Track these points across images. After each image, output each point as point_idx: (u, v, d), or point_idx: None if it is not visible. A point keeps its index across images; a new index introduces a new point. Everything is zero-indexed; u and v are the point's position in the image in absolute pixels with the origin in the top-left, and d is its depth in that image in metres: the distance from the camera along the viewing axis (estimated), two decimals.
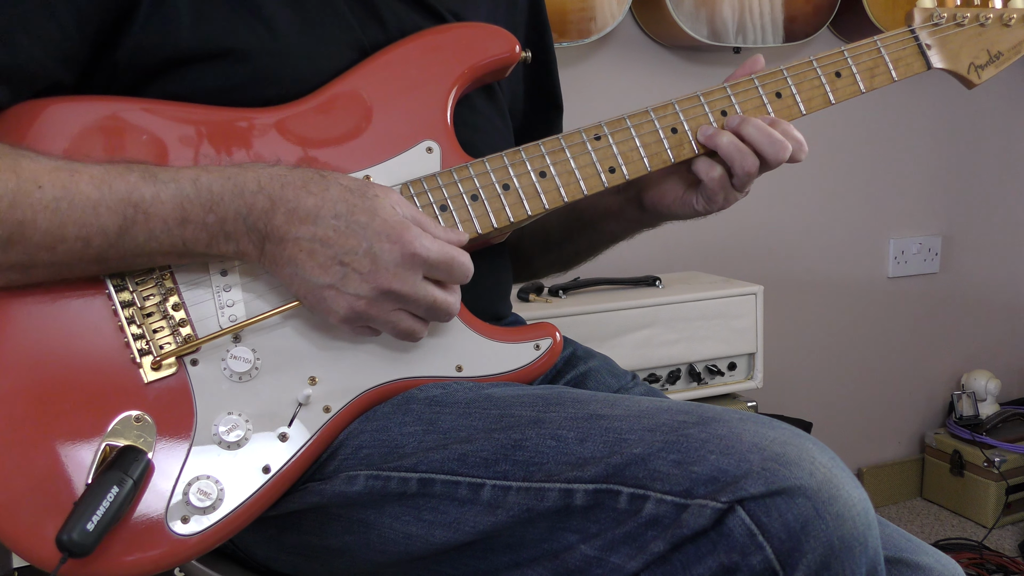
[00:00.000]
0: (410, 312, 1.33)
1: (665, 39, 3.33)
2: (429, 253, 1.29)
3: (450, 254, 1.31)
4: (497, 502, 1.24)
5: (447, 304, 1.33)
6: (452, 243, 1.34)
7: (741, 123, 1.50)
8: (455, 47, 1.48)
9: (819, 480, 1.10)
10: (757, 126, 1.50)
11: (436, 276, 1.31)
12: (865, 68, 1.59)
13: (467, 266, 1.33)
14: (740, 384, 3.03)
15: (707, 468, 1.12)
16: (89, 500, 1.20)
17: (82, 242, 1.24)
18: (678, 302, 2.92)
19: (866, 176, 3.81)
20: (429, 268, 1.30)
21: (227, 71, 1.38)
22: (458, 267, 1.32)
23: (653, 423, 1.19)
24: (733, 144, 1.50)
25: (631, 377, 1.71)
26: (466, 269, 1.33)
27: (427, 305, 1.31)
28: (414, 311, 1.33)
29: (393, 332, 1.34)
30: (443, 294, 1.33)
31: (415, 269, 1.29)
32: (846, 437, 3.94)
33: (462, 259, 1.33)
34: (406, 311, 1.32)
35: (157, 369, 1.31)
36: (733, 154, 1.50)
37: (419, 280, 1.30)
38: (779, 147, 1.50)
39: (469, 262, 1.34)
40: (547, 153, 1.46)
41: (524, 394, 1.33)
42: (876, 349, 3.99)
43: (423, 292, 1.30)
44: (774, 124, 1.51)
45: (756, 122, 1.50)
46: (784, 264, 3.71)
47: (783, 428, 1.17)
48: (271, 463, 1.32)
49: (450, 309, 1.34)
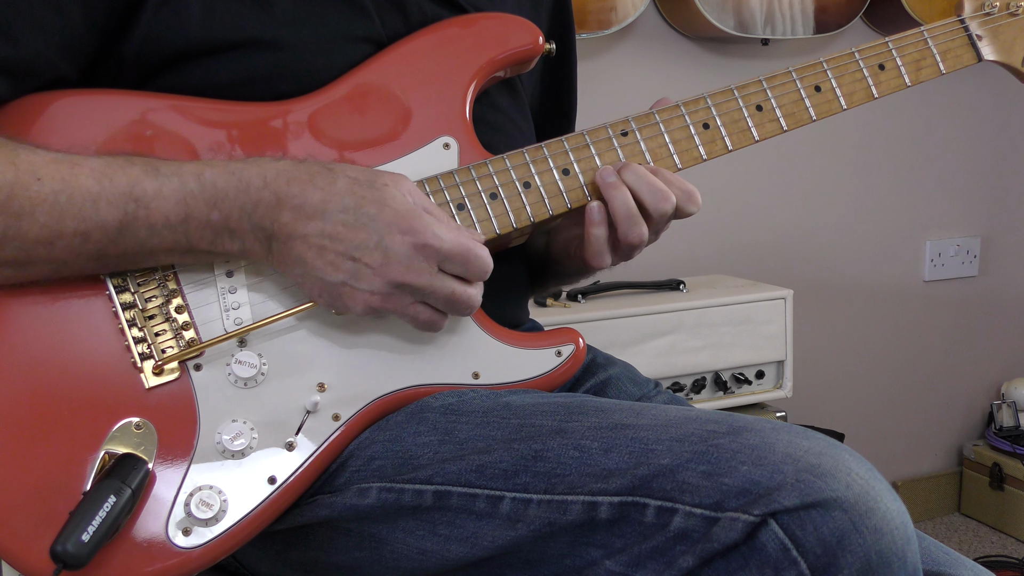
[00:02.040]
0: (428, 305, 1.32)
1: (689, 30, 3.32)
2: (442, 243, 1.28)
3: (466, 245, 1.30)
4: (517, 516, 1.23)
5: (467, 296, 1.33)
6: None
7: (623, 168, 1.45)
8: (474, 38, 1.47)
9: (856, 492, 1.10)
10: (638, 173, 1.45)
11: (451, 269, 1.31)
12: (911, 60, 1.58)
13: (485, 260, 1.32)
14: (768, 393, 3.03)
15: (738, 480, 1.11)
16: (85, 510, 1.20)
17: (81, 237, 1.24)
18: (703, 307, 2.92)
19: (901, 174, 3.80)
20: (443, 259, 1.29)
21: (237, 65, 1.38)
22: (475, 260, 1.31)
23: (681, 433, 1.19)
24: (626, 207, 1.44)
25: (654, 385, 1.70)
26: (483, 263, 1.32)
27: (445, 297, 1.31)
28: (432, 303, 1.32)
29: (413, 324, 1.34)
30: (462, 285, 1.32)
31: (428, 260, 1.28)
32: (880, 449, 3.93)
33: (479, 251, 1.32)
34: (424, 304, 1.32)
35: (159, 374, 1.31)
36: (622, 218, 1.44)
37: (434, 271, 1.29)
38: (659, 196, 1.43)
39: (487, 256, 1.33)
40: (571, 150, 1.46)
41: (544, 402, 1.33)
42: (911, 356, 3.98)
43: (439, 283, 1.30)
44: (658, 173, 1.46)
45: (638, 169, 1.45)
46: (815, 267, 3.71)
47: (818, 438, 1.17)
48: (277, 473, 1.32)
49: (471, 301, 1.33)
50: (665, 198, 1.43)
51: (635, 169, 1.44)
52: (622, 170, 1.44)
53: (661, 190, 1.43)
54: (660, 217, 1.44)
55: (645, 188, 1.43)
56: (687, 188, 1.46)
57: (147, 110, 1.35)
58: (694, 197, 1.46)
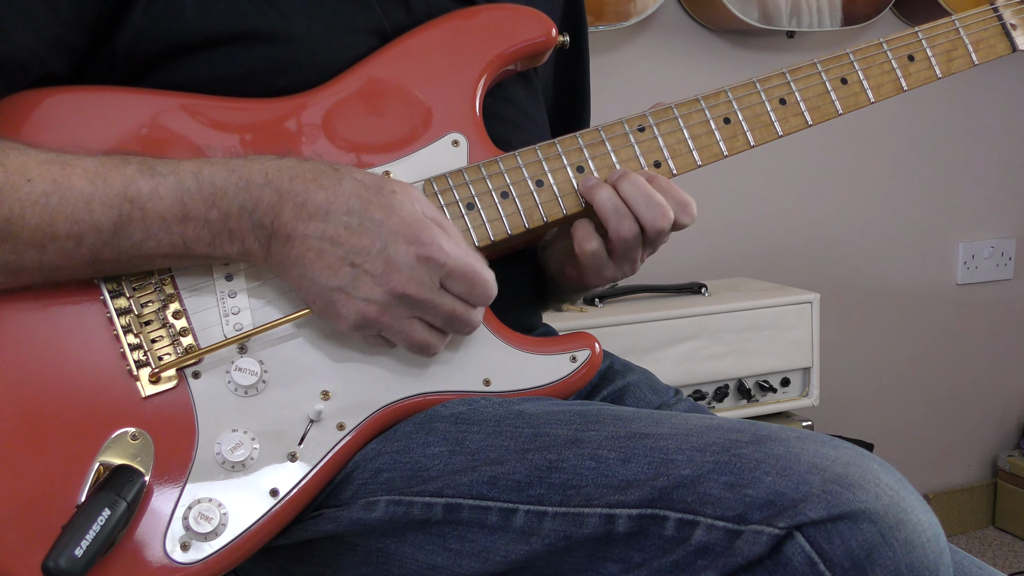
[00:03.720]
0: (426, 322, 1.32)
1: (712, 22, 3.32)
2: (447, 258, 1.28)
3: (472, 265, 1.30)
4: (531, 529, 1.23)
5: (467, 316, 1.33)
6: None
7: (619, 178, 1.44)
8: (484, 31, 1.47)
9: (885, 503, 1.09)
10: (635, 184, 1.43)
11: (453, 288, 1.30)
12: (942, 51, 1.57)
13: (489, 283, 1.32)
14: (794, 402, 3.03)
15: (762, 491, 1.11)
16: (78, 524, 1.20)
17: (74, 240, 1.24)
18: (726, 311, 2.92)
19: (933, 171, 3.80)
20: (446, 275, 1.29)
21: (234, 59, 1.38)
22: (480, 283, 1.31)
23: (702, 442, 1.18)
24: (612, 202, 1.43)
25: (674, 393, 1.70)
26: (488, 287, 1.32)
27: (445, 313, 1.31)
28: (431, 321, 1.32)
29: (406, 344, 1.33)
30: (463, 304, 1.32)
31: (431, 274, 1.28)
32: (911, 460, 3.92)
33: (486, 274, 1.32)
34: (422, 320, 1.32)
35: (156, 382, 1.31)
36: (609, 214, 1.44)
37: (436, 286, 1.29)
38: (657, 213, 1.42)
39: (493, 281, 1.32)
40: (585, 146, 1.46)
41: (559, 411, 1.32)
42: (943, 363, 3.97)
43: (440, 299, 1.30)
44: (652, 181, 1.45)
45: (635, 178, 1.44)
46: (842, 270, 3.70)
47: (845, 447, 1.16)
48: (279, 486, 1.32)
49: (471, 321, 1.33)
50: (663, 214, 1.42)
51: (632, 180, 1.43)
52: (619, 180, 1.44)
53: (659, 205, 1.42)
54: (656, 234, 1.44)
55: (642, 202, 1.42)
56: (682, 198, 1.45)
57: (143, 107, 1.35)
58: (689, 208, 1.45)
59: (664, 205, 1.42)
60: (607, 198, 1.43)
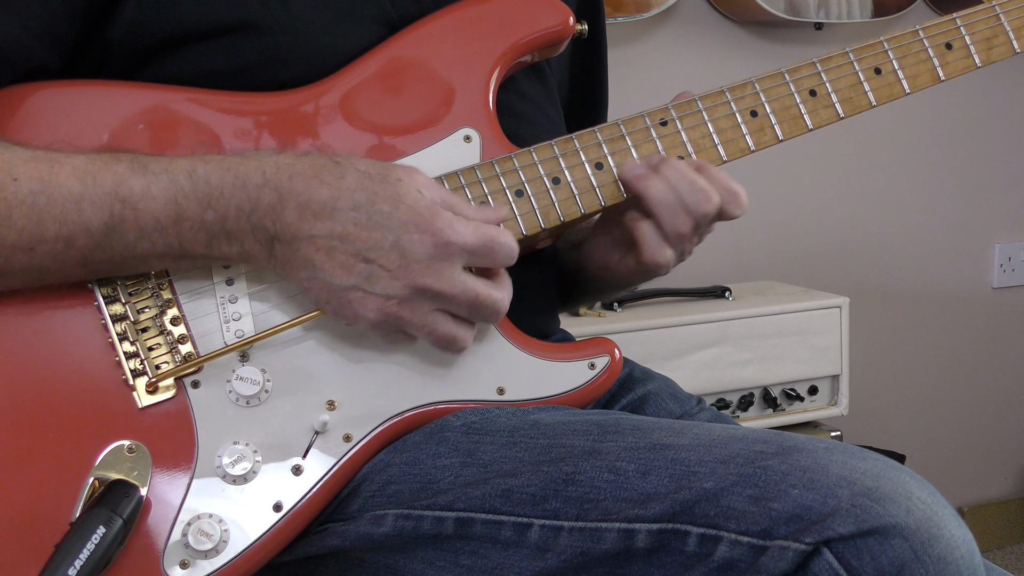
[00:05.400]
0: (450, 313, 1.31)
1: (736, 13, 3.33)
2: (465, 239, 1.28)
3: (487, 234, 1.29)
4: (547, 545, 1.23)
5: (492, 300, 1.32)
6: (489, 221, 1.33)
7: (660, 164, 1.43)
8: (497, 20, 1.46)
9: (917, 518, 1.09)
10: (677, 169, 1.43)
11: (477, 263, 1.30)
12: (981, 39, 1.56)
13: (509, 245, 1.31)
14: (822, 411, 3.04)
15: (789, 504, 1.11)
16: (72, 542, 1.20)
17: (64, 242, 1.24)
18: (751, 316, 2.92)
19: (967, 169, 3.79)
20: (468, 256, 1.29)
21: (234, 50, 1.37)
22: (500, 248, 1.30)
23: (726, 454, 1.18)
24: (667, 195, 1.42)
25: (696, 402, 1.70)
26: (508, 248, 1.31)
27: (469, 302, 1.30)
28: (455, 311, 1.31)
29: (431, 339, 1.32)
30: (487, 288, 1.31)
31: (451, 260, 1.28)
32: (944, 472, 3.92)
33: (502, 238, 1.31)
34: (445, 312, 1.31)
35: (153, 392, 1.31)
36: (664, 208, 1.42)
37: (457, 273, 1.28)
38: (701, 196, 1.41)
39: (511, 240, 1.32)
40: (604, 141, 1.45)
41: (576, 421, 1.32)
42: (979, 370, 3.97)
43: (462, 287, 1.29)
44: (701, 169, 1.44)
45: (677, 164, 1.43)
46: (873, 273, 3.70)
47: (875, 459, 1.16)
48: (283, 500, 1.31)
49: (497, 306, 1.32)
50: (707, 198, 1.41)
51: (674, 165, 1.42)
52: (660, 165, 1.43)
53: (703, 189, 1.41)
54: (701, 218, 1.42)
55: (685, 186, 1.41)
56: (732, 188, 1.44)
57: (137, 102, 1.35)
58: (739, 199, 1.44)
59: (708, 189, 1.41)
60: (660, 191, 1.41)
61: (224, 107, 1.36)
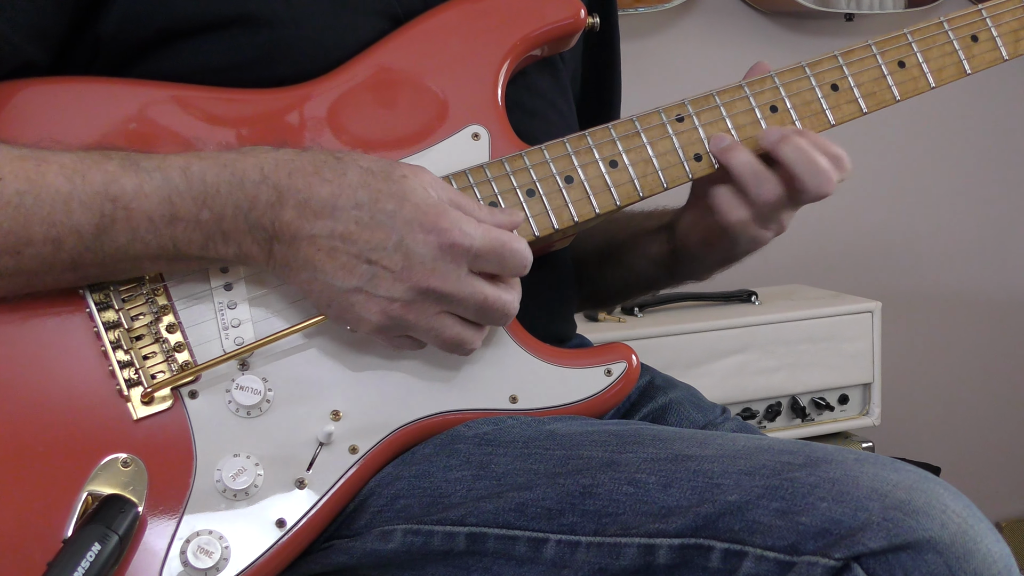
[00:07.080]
0: (457, 316, 1.31)
1: (763, 3, 3.34)
2: (472, 241, 1.27)
3: (499, 239, 1.29)
4: (563, 561, 1.23)
5: (501, 302, 1.31)
6: (502, 226, 1.32)
7: (782, 139, 1.45)
8: (506, 13, 1.46)
9: (952, 532, 1.09)
10: (799, 147, 1.44)
11: (484, 268, 1.29)
12: (1009, 30, 1.56)
13: (522, 253, 1.31)
14: (853, 421, 3.04)
15: (817, 518, 1.11)
16: (65, 560, 1.19)
17: (52, 245, 1.23)
18: (778, 322, 2.93)
19: (1005, 166, 3.79)
20: (474, 259, 1.28)
21: (232, 44, 1.37)
22: (511, 254, 1.30)
23: (751, 465, 1.18)
24: (751, 166, 1.45)
25: (720, 411, 1.70)
26: (521, 257, 1.31)
27: (476, 305, 1.29)
28: (462, 313, 1.31)
29: (438, 342, 1.32)
30: (495, 290, 1.30)
31: (457, 262, 1.27)
32: (981, 485, 3.88)
33: (515, 245, 1.30)
34: (451, 314, 1.30)
35: (148, 403, 1.31)
36: (749, 178, 1.45)
37: (463, 275, 1.28)
38: (823, 180, 1.44)
39: (525, 248, 1.31)
40: (618, 138, 1.45)
41: (594, 431, 1.32)
42: (1018, 379, 3.96)
43: (469, 289, 1.28)
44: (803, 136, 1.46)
45: (800, 142, 1.44)
46: (906, 276, 3.70)
47: (908, 471, 1.16)
48: (286, 516, 1.31)
49: (506, 308, 1.32)
50: (828, 181, 1.44)
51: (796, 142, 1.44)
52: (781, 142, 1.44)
53: (824, 171, 1.44)
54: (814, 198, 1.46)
55: (807, 171, 1.44)
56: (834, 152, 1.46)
57: (128, 99, 1.35)
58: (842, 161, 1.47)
59: (828, 174, 1.44)
60: (745, 162, 1.43)
61: (219, 104, 1.37)
